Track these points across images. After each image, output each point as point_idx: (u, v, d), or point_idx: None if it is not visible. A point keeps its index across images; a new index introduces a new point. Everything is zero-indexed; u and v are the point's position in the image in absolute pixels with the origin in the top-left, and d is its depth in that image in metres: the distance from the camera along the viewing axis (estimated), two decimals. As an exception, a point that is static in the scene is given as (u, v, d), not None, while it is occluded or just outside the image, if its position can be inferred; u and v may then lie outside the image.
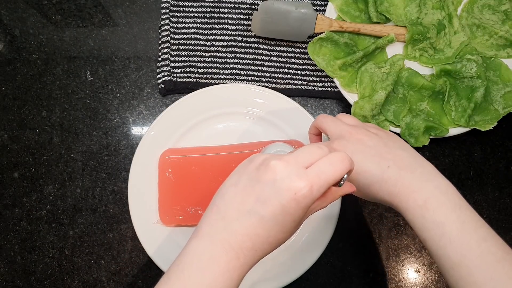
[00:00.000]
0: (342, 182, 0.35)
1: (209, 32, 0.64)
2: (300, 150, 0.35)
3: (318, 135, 0.49)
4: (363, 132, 0.42)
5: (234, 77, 0.63)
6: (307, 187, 0.32)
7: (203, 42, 0.64)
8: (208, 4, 0.65)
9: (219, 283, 0.32)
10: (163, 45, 0.64)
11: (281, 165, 0.33)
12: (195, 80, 0.63)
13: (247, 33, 0.64)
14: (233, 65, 0.64)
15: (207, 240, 0.33)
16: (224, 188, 0.36)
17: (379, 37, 0.61)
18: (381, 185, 0.38)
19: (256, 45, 0.64)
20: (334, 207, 0.55)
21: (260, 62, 0.64)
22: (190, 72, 0.63)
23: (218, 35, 0.64)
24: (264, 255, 0.35)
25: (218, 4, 0.65)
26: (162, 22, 0.64)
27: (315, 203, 0.35)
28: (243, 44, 0.64)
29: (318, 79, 0.63)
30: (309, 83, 0.63)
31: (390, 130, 0.60)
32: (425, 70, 0.61)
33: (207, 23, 0.64)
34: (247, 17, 0.65)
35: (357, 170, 0.39)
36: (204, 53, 0.64)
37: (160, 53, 0.64)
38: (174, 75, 0.63)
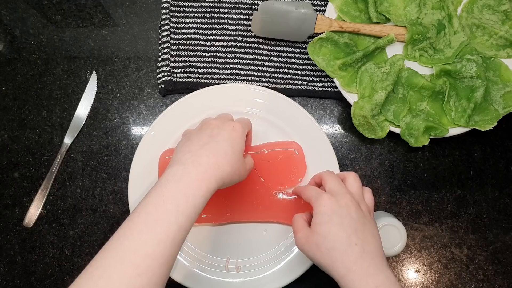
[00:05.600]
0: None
1: (209, 32, 0.64)
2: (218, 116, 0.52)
3: (318, 184, 0.51)
4: (354, 203, 0.45)
5: (234, 77, 0.63)
6: (238, 123, 0.49)
7: (203, 42, 0.64)
8: (208, 4, 0.65)
9: (190, 190, 0.41)
10: (163, 45, 0.64)
11: (216, 120, 0.50)
12: (195, 80, 0.63)
13: (247, 33, 0.64)
14: (233, 65, 0.64)
15: (180, 164, 0.43)
16: (179, 145, 0.48)
17: (379, 37, 0.61)
18: (342, 255, 0.42)
19: (256, 45, 0.64)
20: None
21: (260, 62, 0.64)
22: (190, 72, 0.63)
23: (218, 35, 0.64)
24: (225, 173, 0.44)
25: (218, 4, 0.65)
26: (162, 22, 0.64)
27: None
28: (243, 44, 0.64)
29: (318, 79, 0.63)
30: (309, 83, 0.63)
31: (390, 131, 0.60)
32: (425, 70, 0.61)
33: (207, 23, 0.64)
34: (247, 17, 0.65)
35: (329, 230, 0.43)
36: (204, 53, 0.64)
37: (160, 53, 0.64)
38: (174, 75, 0.63)
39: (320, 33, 0.60)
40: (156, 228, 0.39)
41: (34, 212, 0.60)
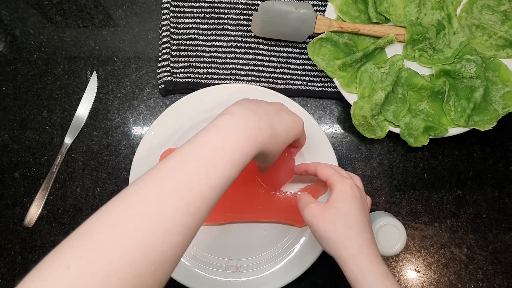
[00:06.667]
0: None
1: (209, 32, 0.64)
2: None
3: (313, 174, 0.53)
4: (363, 198, 0.48)
5: (234, 77, 0.64)
6: (302, 123, 0.48)
7: (203, 43, 0.64)
8: (208, 4, 0.65)
9: (245, 145, 0.40)
10: (163, 46, 0.64)
11: (286, 107, 0.48)
12: (195, 80, 0.63)
13: (247, 34, 0.64)
14: (233, 65, 0.64)
15: (242, 118, 0.41)
16: (240, 101, 0.45)
17: (378, 38, 0.61)
18: (358, 236, 0.44)
19: (256, 45, 0.64)
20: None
21: (260, 63, 0.64)
22: (190, 72, 0.63)
23: (218, 35, 0.64)
24: (266, 141, 0.42)
25: (218, 5, 0.65)
26: (162, 23, 0.65)
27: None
28: (243, 45, 0.64)
29: (318, 79, 0.64)
30: (309, 83, 0.63)
31: (389, 131, 0.60)
32: (424, 70, 0.61)
33: (207, 23, 0.65)
34: (247, 17, 0.65)
35: (350, 210, 0.45)
36: (204, 53, 0.64)
37: (160, 54, 0.64)
38: (175, 75, 0.63)
39: (320, 33, 0.60)
40: (212, 171, 0.38)
41: (34, 212, 0.61)
